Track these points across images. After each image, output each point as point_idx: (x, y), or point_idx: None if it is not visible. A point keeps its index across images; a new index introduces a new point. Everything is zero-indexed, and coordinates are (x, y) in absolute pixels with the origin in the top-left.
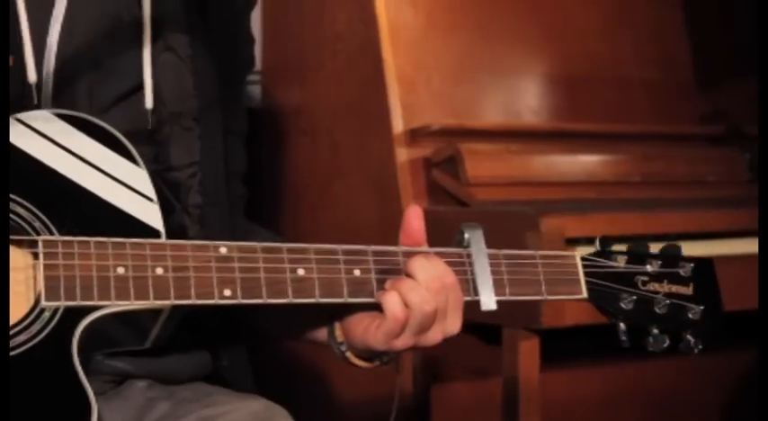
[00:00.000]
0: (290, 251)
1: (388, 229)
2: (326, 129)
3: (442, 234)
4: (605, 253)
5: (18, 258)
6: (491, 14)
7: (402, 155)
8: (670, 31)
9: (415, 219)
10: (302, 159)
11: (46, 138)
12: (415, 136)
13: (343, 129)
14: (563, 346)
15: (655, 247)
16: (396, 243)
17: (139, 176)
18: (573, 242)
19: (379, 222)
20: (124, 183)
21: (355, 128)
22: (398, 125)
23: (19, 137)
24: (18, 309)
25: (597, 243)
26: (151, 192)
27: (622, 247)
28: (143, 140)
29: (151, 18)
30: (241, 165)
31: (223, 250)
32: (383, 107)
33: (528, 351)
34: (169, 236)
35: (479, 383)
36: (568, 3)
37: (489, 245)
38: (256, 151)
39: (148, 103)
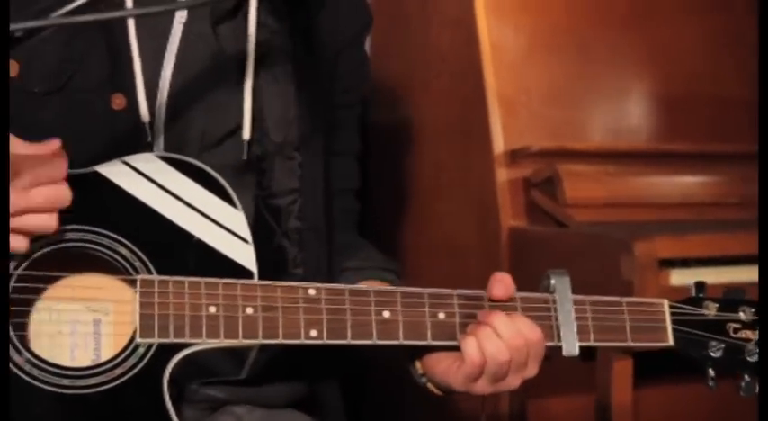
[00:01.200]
0: (377, 294)
1: (488, 248)
2: (430, 146)
3: (540, 254)
4: (698, 299)
5: (119, 295)
6: (593, 35)
7: (502, 175)
8: None
9: (498, 289)
10: (407, 176)
11: (149, 180)
12: (515, 157)
13: (446, 147)
14: (657, 364)
15: (752, 270)
16: (495, 261)
17: (236, 218)
18: (668, 263)
19: (478, 240)
20: (221, 225)
21: (457, 147)
22: (499, 146)
23: (123, 178)
24: (117, 344)
25: (692, 288)
26: (246, 234)
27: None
28: (250, 168)
29: (255, 51)
30: (353, 182)
31: (312, 292)
32: (484, 128)
33: (621, 370)
34: (269, 258)
35: (574, 399)
36: (670, 22)
37: (585, 267)
38: (362, 165)
39: (246, 134)
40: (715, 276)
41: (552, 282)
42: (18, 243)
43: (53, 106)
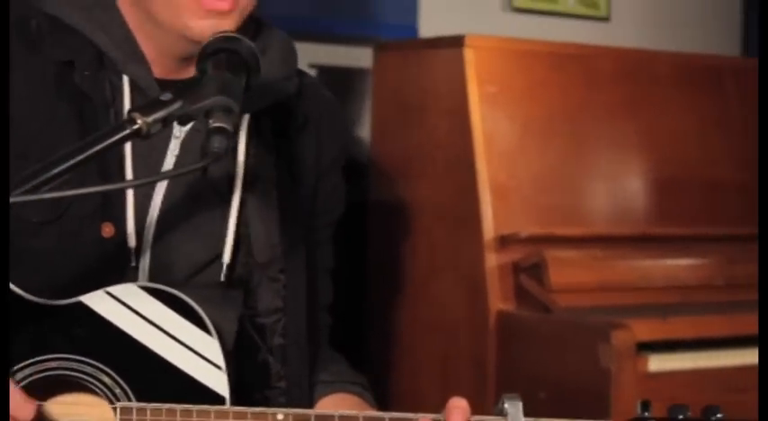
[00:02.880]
0: (342, 418)
1: (477, 329)
2: (426, 228)
3: (526, 338)
4: (643, 419)
5: (102, 417)
6: (584, 123)
7: (491, 260)
8: None
9: (455, 416)
10: (404, 255)
11: (130, 309)
12: (504, 242)
13: (441, 230)
14: None
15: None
16: (483, 342)
17: (211, 345)
18: (648, 348)
19: (468, 321)
20: (196, 352)
21: (450, 230)
22: (489, 231)
23: (106, 308)
24: None
25: (638, 406)
26: (220, 361)
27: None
28: (236, 287)
29: (243, 177)
30: (327, 297)
31: (280, 417)
32: (475, 214)
33: None
34: (254, 372)
35: None
36: (663, 107)
37: (566, 353)
38: (361, 243)
39: (226, 258)
40: (699, 360)
41: (506, 406)
42: None
43: (46, 234)
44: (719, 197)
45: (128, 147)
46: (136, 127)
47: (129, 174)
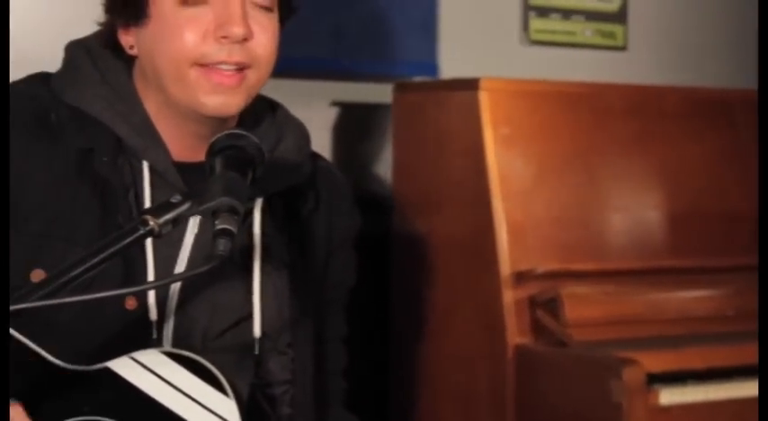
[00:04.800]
0: None
1: (495, 363)
2: (445, 263)
3: (543, 372)
4: None
5: None
6: (598, 159)
7: (508, 295)
8: None
9: None
10: (425, 288)
11: (152, 373)
12: (521, 278)
13: (459, 266)
14: None
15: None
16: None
17: (228, 406)
18: (659, 380)
19: (487, 355)
20: (214, 412)
21: (469, 266)
22: (506, 269)
23: (130, 372)
24: None
25: None
26: (237, 419)
27: None
28: (249, 356)
29: (260, 254)
30: (341, 363)
31: None
32: (492, 251)
33: None
34: None
35: None
36: (674, 141)
37: (580, 387)
38: (385, 274)
39: (257, 332)
40: (710, 393)
41: None
42: None
43: (71, 308)
44: (731, 228)
45: None
46: (149, 228)
47: (149, 254)
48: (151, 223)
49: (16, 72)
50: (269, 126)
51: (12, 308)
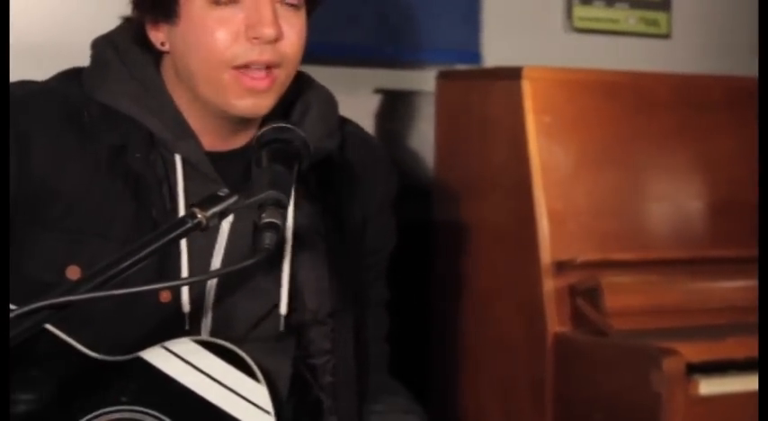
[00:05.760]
0: None
1: (535, 351)
2: (487, 251)
3: (582, 360)
4: None
5: None
6: (637, 149)
7: (549, 284)
8: None
9: None
10: (466, 276)
11: (183, 361)
12: (561, 267)
13: (501, 253)
14: None
15: None
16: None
17: (259, 392)
18: (699, 370)
19: (526, 343)
20: (245, 398)
21: (509, 254)
22: (546, 257)
23: (162, 360)
24: None
25: None
26: (269, 406)
27: None
28: (290, 335)
29: (293, 234)
30: (383, 328)
31: None
32: (533, 240)
33: None
34: (308, 408)
35: None
36: (716, 131)
37: (619, 376)
38: (427, 260)
39: (283, 309)
40: (750, 383)
41: None
42: None
43: (108, 302)
44: None
45: None
46: (196, 221)
47: (183, 246)
48: (199, 216)
49: (46, 64)
50: (294, 98)
51: (57, 301)
